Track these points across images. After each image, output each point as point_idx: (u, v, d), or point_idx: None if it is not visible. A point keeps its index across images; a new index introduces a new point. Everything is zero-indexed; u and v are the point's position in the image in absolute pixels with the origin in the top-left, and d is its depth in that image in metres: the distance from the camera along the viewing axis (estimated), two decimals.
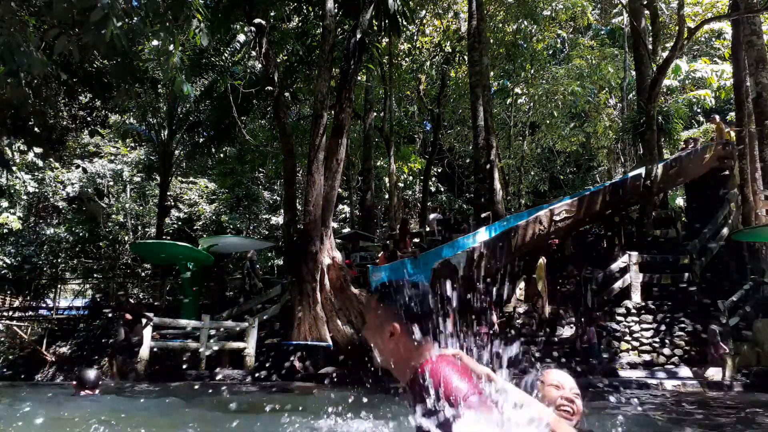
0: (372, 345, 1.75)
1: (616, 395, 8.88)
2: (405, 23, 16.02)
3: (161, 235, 21.53)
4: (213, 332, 13.24)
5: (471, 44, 18.78)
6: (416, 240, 17.60)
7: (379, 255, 15.11)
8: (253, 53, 19.41)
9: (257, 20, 13.49)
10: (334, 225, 19.18)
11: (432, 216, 21.29)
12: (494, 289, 13.62)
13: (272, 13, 17.37)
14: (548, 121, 25.47)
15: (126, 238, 25.58)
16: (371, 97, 23.03)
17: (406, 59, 25.39)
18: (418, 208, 26.92)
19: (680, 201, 22.31)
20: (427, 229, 19.53)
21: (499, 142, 22.05)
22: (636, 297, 12.83)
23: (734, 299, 12.11)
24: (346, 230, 22.91)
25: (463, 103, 25.21)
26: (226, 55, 21.13)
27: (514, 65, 24.52)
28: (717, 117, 17.24)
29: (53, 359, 24.43)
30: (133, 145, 27.14)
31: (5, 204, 23.20)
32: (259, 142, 23.34)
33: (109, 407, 6.55)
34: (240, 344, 12.86)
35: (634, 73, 20.91)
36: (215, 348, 12.85)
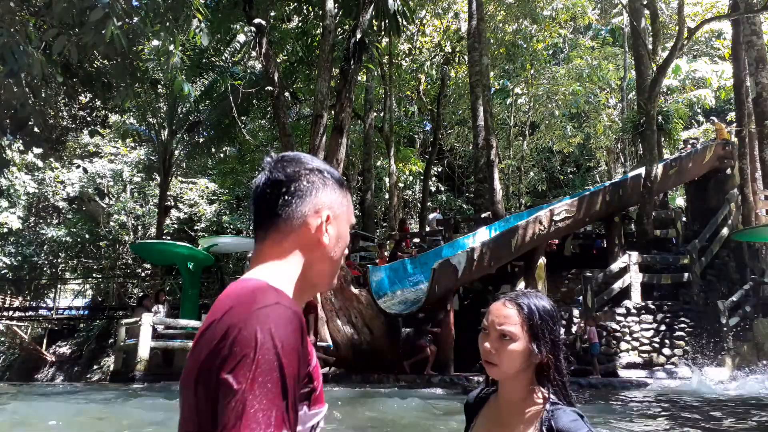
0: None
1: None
2: (405, 23, 16.01)
3: (161, 235, 21.53)
4: None
5: (471, 44, 18.78)
6: (416, 240, 17.59)
7: (380, 254, 15.09)
8: (253, 53, 19.40)
9: (257, 20, 13.49)
10: None
11: (432, 216, 21.29)
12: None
13: (272, 13, 17.37)
14: (548, 121, 25.49)
15: (126, 238, 25.57)
16: (371, 97, 23.01)
17: (406, 59, 25.39)
18: (418, 208, 26.91)
19: (680, 201, 22.31)
20: (427, 228, 19.53)
21: (499, 142, 22.04)
22: (636, 297, 12.83)
23: (734, 299, 12.12)
24: None
25: (463, 103, 25.20)
26: (226, 55, 21.13)
27: (514, 65, 24.52)
28: (715, 119, 17.31)
29: (53, 359, 24.46)
30: (133, 145, 27.13)
31: (5, 204, 23.20)
32: (259, 142, 23.33)
33: (112, 407, 6.57)
34: None
35: (634, 73, 20.92)
36: None
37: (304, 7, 17.98)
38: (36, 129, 11.25)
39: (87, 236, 25.41)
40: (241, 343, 0.83)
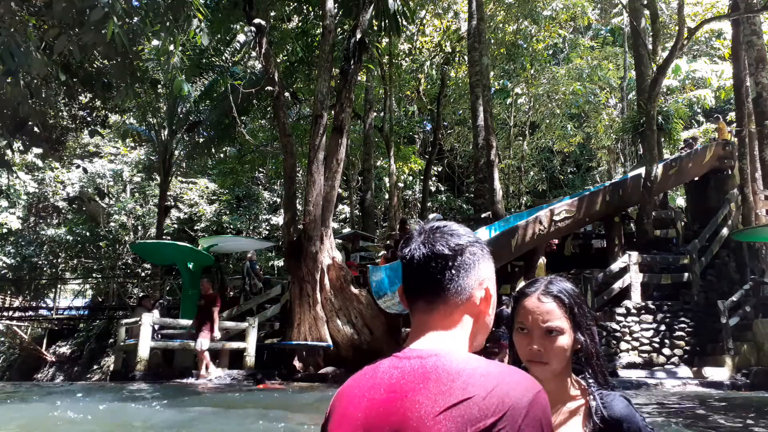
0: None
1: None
2: (405, 23, 16.02)
3: (161, 235, 21.52)
4: None
5: (471, 44, 18.79)
6: None
7: (380, 254, 15.09)
8: (253, 53, 19.42)
9: (257, 20, 13.48)
10: (334, 225, 19.18)
11: (432, 216, 21.30)
12: None
13: (272, 13, 17.37)
14: (548, 121, 25.51)
15: (126, 238, 25.58)
16: (371, 97, 23.01)
17: (406, 59, 25.39)
18: (418, 208, 26.92)
19: (680, 201, 22.32)
20: None
21: (499, 142, 22.05)
22: (636, 297, 12.83)
23: (734, 299, 12.11)
24: (346, 230, 22.90)
25: (463, 103, 25.21)
26: (226, 55, 21.14)
27: (514, 65, 24.53)
28: (720, 117, 17.31)
29: (53, 359, 24.46)
30: (133, 145, 27.15)
31: (5, 204, 23.21)
32: (259, 142, 23.33)
33: (110, 408, 6.57)
34: (240, 344, 12.85)
35: (634, 73, 20.92)
36: (215, 348, 12.84)
37: (304, 7, 17.99)
38: (36, 129, 11.26)
39: (87, 236, 25.41)
40: (531, 426, 0.87)
